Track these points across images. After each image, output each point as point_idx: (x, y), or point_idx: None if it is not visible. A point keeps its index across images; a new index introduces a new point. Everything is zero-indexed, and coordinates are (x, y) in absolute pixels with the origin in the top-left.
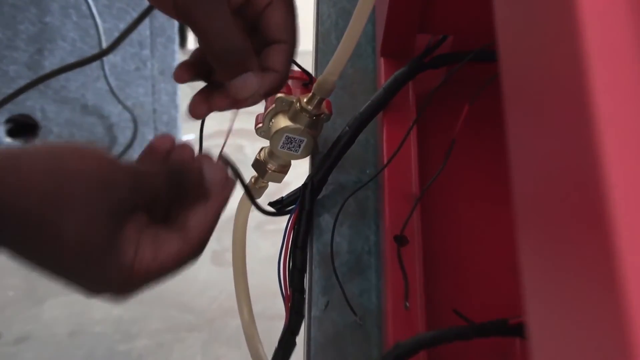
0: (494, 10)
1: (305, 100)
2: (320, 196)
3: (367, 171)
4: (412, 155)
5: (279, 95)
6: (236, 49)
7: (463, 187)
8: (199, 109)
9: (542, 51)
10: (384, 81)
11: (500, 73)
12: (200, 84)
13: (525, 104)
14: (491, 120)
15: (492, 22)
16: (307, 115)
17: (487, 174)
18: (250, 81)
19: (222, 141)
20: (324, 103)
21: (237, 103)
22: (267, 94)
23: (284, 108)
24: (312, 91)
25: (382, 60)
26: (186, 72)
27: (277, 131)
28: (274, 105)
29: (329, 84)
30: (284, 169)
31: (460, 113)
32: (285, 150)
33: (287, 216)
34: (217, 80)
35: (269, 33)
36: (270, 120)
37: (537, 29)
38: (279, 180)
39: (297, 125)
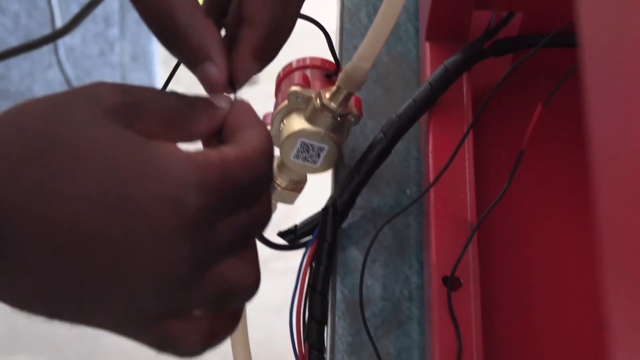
0: None
1: (327, 95)
2: (345, 224)
3: (408, 191)
4: (467, 170)
5: (294, 88)
6: (179, 27)
7: (534, 213)
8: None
9: None
10: (429, 73)
11: (582, 63)
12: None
13: (618, 104)
14: (572, 125)
15: None
16: (330, 116)
17: (566, 196)
18: (210, 73)
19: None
20: (352, 100)
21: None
22: (254, 59)
23: (300, 105)
24: (336, 83)
25: (427, 44)
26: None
27: (289, 135)
28: (286, 101)
29: (360, 75)
30: (297, 186)
31: (531, 115)
32: (300, 161)
33: (302, 250)
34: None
35: None
36: (282, 121)
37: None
38: (292, 201)
39: (317, 129)
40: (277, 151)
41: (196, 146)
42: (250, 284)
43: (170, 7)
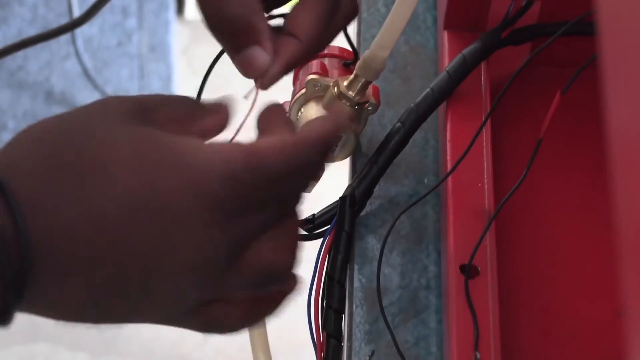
0: None
1: (345, 83)
2: (363, 213)
3: (426, 181)
4: (485, 159)
5: (311, 76)
6: (236, 13)
7: (551, 202)
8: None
9: None
10: (448, 62)
11: (601, 51)
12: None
13: (636, 93)
14: (590, 114)
15: None
16: (348, 104)
17: (584, 185)
18: (257, 58)
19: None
20: (370, 88)
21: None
22: (285, 70)
23: (318, 93)
24: (354, 72)
25: (445, 34)
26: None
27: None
28: (304, 90)
29: (378, 62)
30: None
31: (549, 104)
32: None
33: (320, 240)
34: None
35: None
36: (299, 109)
37: None
38: (309, 190)
39: None
40: None
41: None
42: (287, 266)
43: None
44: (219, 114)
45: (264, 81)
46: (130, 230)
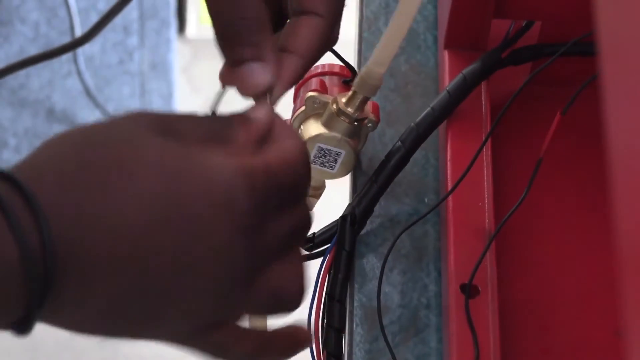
0: None
1: (344, 100)
2: (363, 232)
3: (426, 200)
4: (485, 179)
5: (311, 93)
6: (242, 21)
7: (552, 222)
8: (227, 74)
9: None
10: (448, 81)
11: (601, 72)
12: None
13: (637, 113)
14: (591, 134)
15: (591, 3)
16: (347, 120)
17: (584, 205)
18: (257, 74)
19: None
20: (369, 105)
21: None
22: (284, 88)
23: (317, 111)
24: (352, 88)
25: (446, 53)
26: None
27: (306, 140)
28: (303, 107)
29: (375, 79)
30: (316, 192)
31: (549, 124)
32: (318, 166)
33: (320, 259)
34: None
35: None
36: (299, 126)
37: None
38: (310, 208)
39: (333, 133)
40: None
41: None
42: (295, 291)
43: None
44: (247, 130)
45: (270, 102)
46: (154, 239)
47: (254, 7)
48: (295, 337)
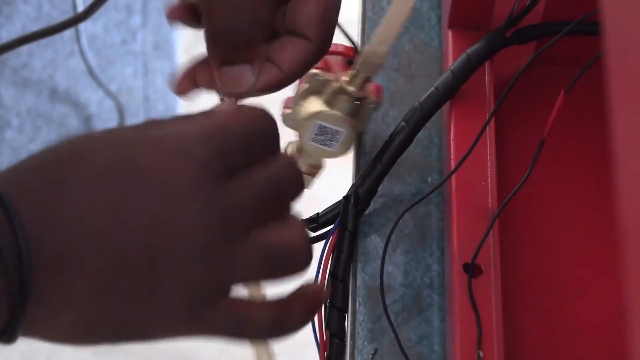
0: None
1: (346, 78)
2: (367, 212)
3: (429, 179)
4: (489, 158)
5: (314, 71)
6: (241, 28)
7: (555, 201)
8: (183, 83)
9: None
10: (452, 61)
11: (605, 51)
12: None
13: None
14: (594, 113)
15: None
16: (348, 99)
17: (588, 185)
18: (244, 76)
19: None
20: (372, 86)
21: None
22: (260, 92)
23: (320, 89)
24: (355, 66)
25: (450, 33)
26: (183, 12)
27: (307, 117)
28: (307, 84)
29: (377, 57)
30: (314, 170)
31: (553, 103)
32: (317, 144)
33: (323, 240)
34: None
35: (294, 21)
36: (301, 102)
37: None
38: (308, 186)
39: (334, 112)
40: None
41: None
42: (299, 246)
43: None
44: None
45: (239, 95)
46: (118, 219)
47: (264, 10)
48: (310, 294)
